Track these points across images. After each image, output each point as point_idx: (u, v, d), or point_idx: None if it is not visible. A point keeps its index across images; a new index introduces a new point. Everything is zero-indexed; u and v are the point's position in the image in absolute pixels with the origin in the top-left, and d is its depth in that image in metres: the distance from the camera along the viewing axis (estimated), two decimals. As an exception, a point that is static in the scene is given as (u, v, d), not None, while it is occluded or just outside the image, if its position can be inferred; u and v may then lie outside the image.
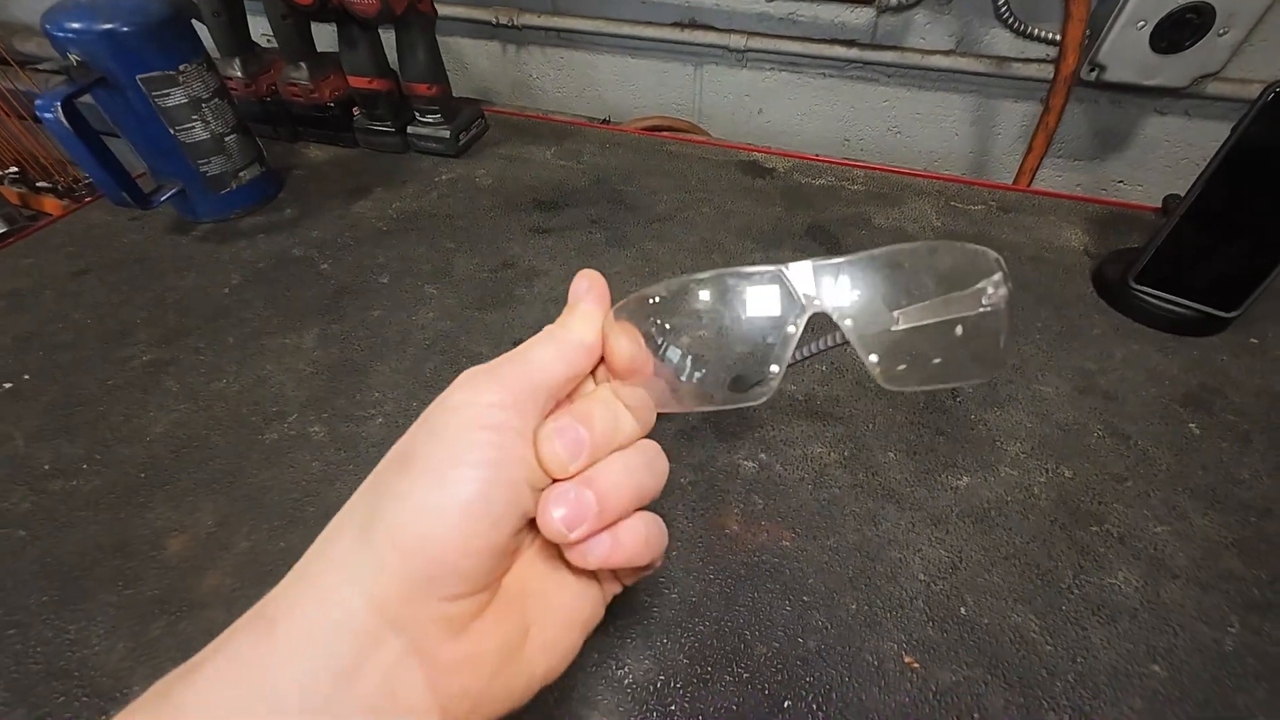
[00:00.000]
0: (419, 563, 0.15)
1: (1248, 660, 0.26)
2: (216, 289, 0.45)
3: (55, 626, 0.28)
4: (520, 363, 0.18)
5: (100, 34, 0.41)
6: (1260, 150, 0.35)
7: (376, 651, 0.14)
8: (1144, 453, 0.34)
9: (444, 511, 0.15)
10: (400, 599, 0.15)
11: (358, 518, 0.16)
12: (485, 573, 0.16)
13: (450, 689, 0.15)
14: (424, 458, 0.16)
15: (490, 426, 0.16)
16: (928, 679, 0.26)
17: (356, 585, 0.15)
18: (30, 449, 0.35)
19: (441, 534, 0.15)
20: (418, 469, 0.16)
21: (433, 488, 0.15)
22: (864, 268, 0.20)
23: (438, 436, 0.16)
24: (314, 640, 0.14)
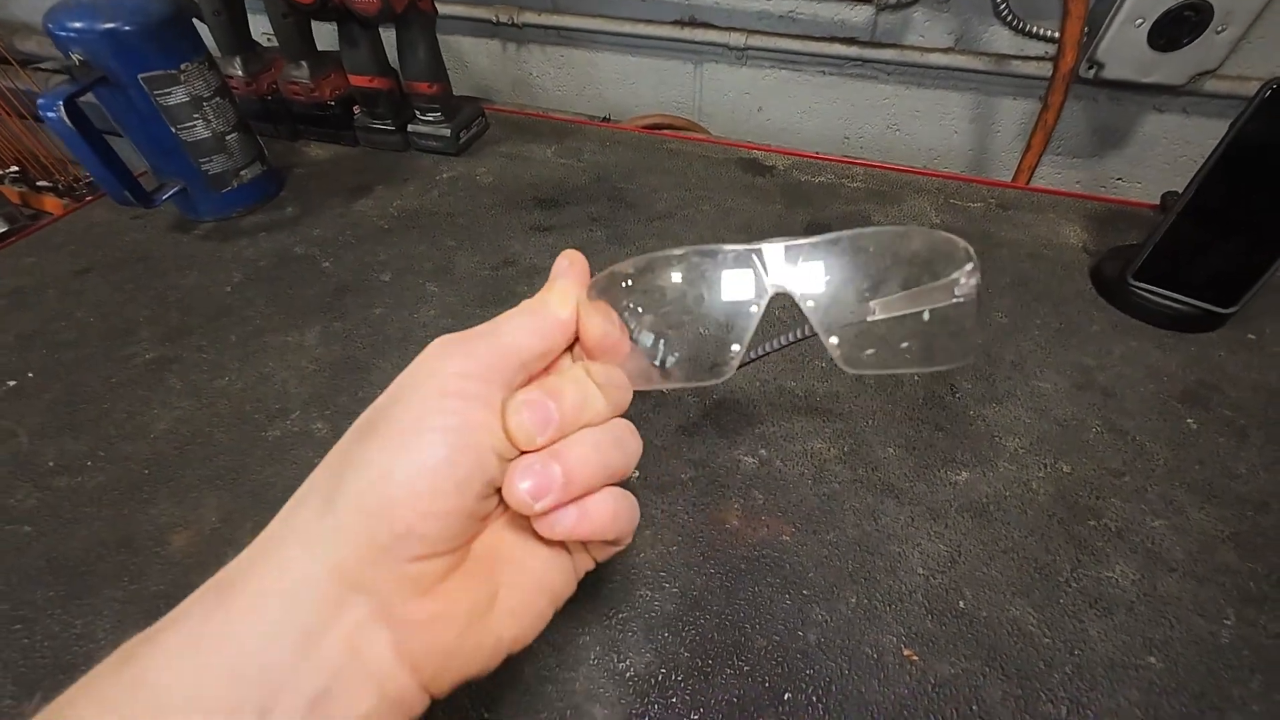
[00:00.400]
0: (382, 525, 0.15)
1: (1243, 652, 0.26)
2: (219, 287, 0.46)
3: (62, 621, 0.28)
4: (491, 334, 0.18)
5: (102, 33, 0.41)
6: (1257, 147, 0.35)
7: (339, 613, 0.14)
8: (1141, 448, 0.34)
9: (407, 475, 0.15)
10: (364, 561, 0.15)
11: (320, 485, 0.16)
12: (450, 536, 0.16)
13: (417, 646, 0.15)
14: (388, 424, 0.16)
15: (456, 394, 0.16)
16: (927, 671, 0.26)
17: (317, 551, 0.15)
18: (34, 446, 0.35)
19: (404, 497, 0.15)
20: (382, 435, 0.16)
21: (397, 452, 0.15)
22: (832, 250, 0.20)
23: (402, 403, 0.16)
24: (272, 605, 0.14)
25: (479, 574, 0.17)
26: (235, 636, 0.14)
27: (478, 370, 0.17)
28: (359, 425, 0.17)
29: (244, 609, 0.14)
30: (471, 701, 0.25)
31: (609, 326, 0.19)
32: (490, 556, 0.18)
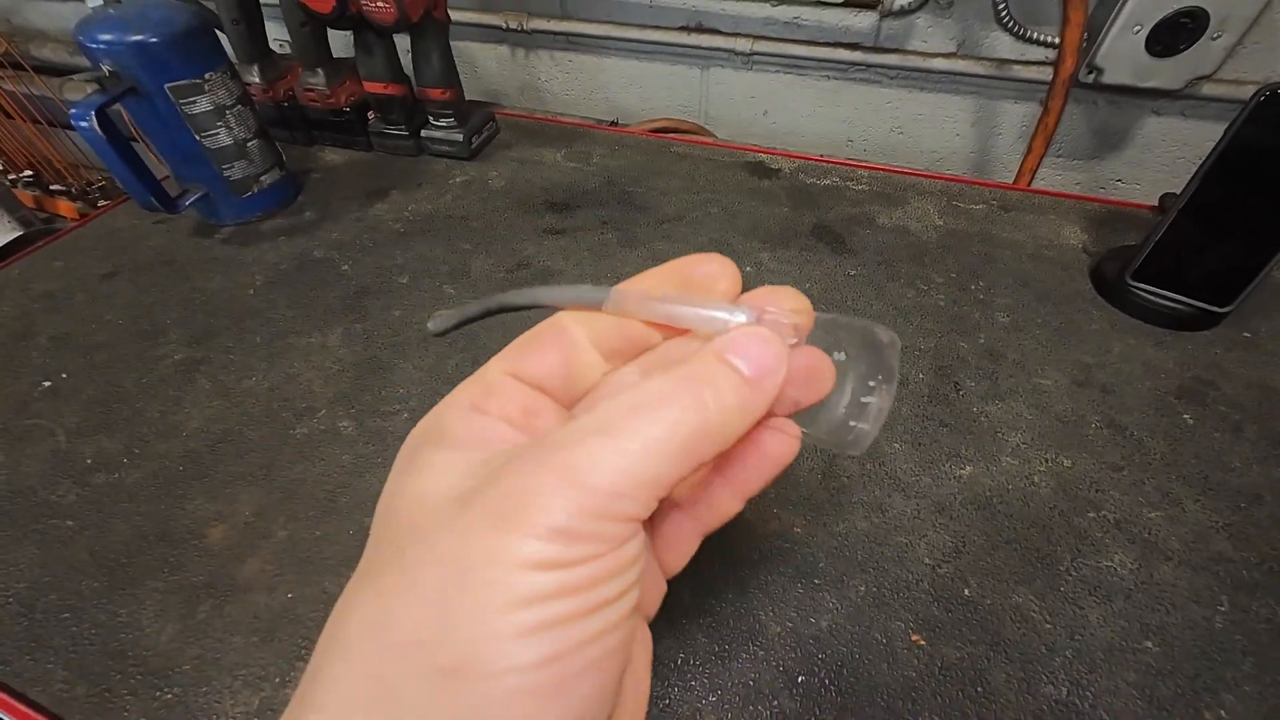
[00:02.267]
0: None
1: (1236, 637, 0.28)
2: (242, 290, 0.47)
3: (107, 610, 0.29)
4: (557, 472, 0.11)
5: (131, 45, 0.42)
6: (1253, 150, 0.36)
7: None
8: (1139, 442, 0.35)
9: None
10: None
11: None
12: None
13: None
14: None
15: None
16: (934, 655, 0.27)
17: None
18: (72, 444, 0.37)
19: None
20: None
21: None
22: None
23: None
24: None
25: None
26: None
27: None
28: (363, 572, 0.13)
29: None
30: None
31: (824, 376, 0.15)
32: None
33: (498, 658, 0.10)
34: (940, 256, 0.48)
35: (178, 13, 0.44)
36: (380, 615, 0.12)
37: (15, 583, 0.30)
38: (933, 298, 0.45)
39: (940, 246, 0.49)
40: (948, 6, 0.62)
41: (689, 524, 0.16)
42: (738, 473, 0.15)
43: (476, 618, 0.11)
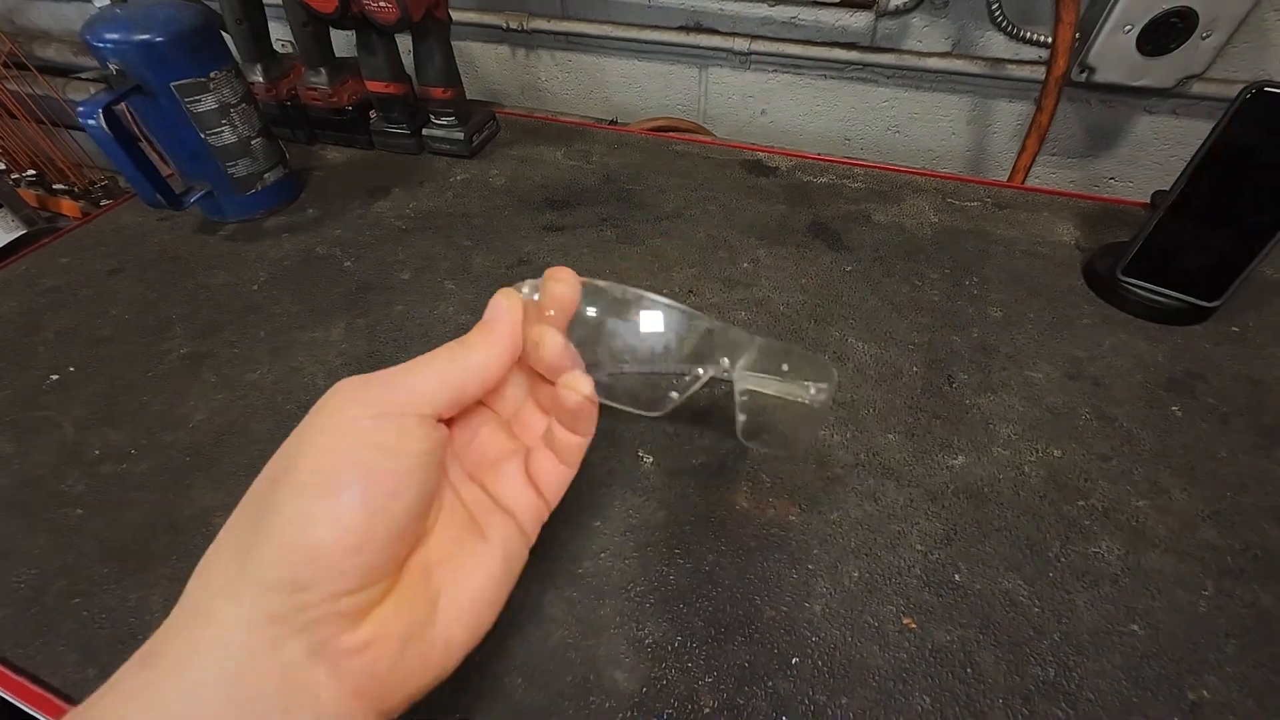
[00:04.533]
0: (305, 569, 0.15)
1: (1219, 620, 0.28)
2: (245, 286, 0.48)
3: (117, 596, 0.30)
4: (395, 384, 0.18)
5: (137, 44, 0.43)
6: (1240, 147, 0.37)
7: (272, 656, 0.15)
8: (1128, 433, 0.36)
9: (327, 519, 0.16)
10: (291, 606, 0.15)
11: (235, 539, 0.16)
12: (379, 567, 0.16)
13: (357, 674, 0.16)
14: (300, 470, 0.16)
15: (366, 433, 0.17)
16: (924, 638, 0.28)
17: (243, 601, 0.15)
18: (80, 436, 0.37)
19: (326, 540, 0.15)
20: (295, 481, 0.16)
21: (314, 497, 0.16)
22: (765, 351, 0.26)
23: (313, 448, 0.17)
24: (197, 660, 0.15)
25: (414, 589, 0.18)
26: (162, 697, 0.14)
27: (386, 410, 0.17)
28: (267, 476, 0.17)
29: (169, 668, 0.15)
30: (504, 668, 0.27)
31: (559, 357, 0.21)
32: (423, 568, 0.18)
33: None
34: (935, 253, 0.49)
35: (183, 12, 0.45)
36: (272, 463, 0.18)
37: (27, 569, 0.31)
38: (927, 293, 0.45)
39: (935, 243, 0.50)
40: (943, 6, 0.63)
41: (551, 461, 0.22)
42: (558, 416, 0.22)
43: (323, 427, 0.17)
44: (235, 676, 0.14)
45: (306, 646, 0.15)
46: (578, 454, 0.22)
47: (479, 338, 0.20)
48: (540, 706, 0.26)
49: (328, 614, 0.15)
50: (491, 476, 0.22)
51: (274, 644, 0.15)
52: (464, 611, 0.19)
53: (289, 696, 0.15)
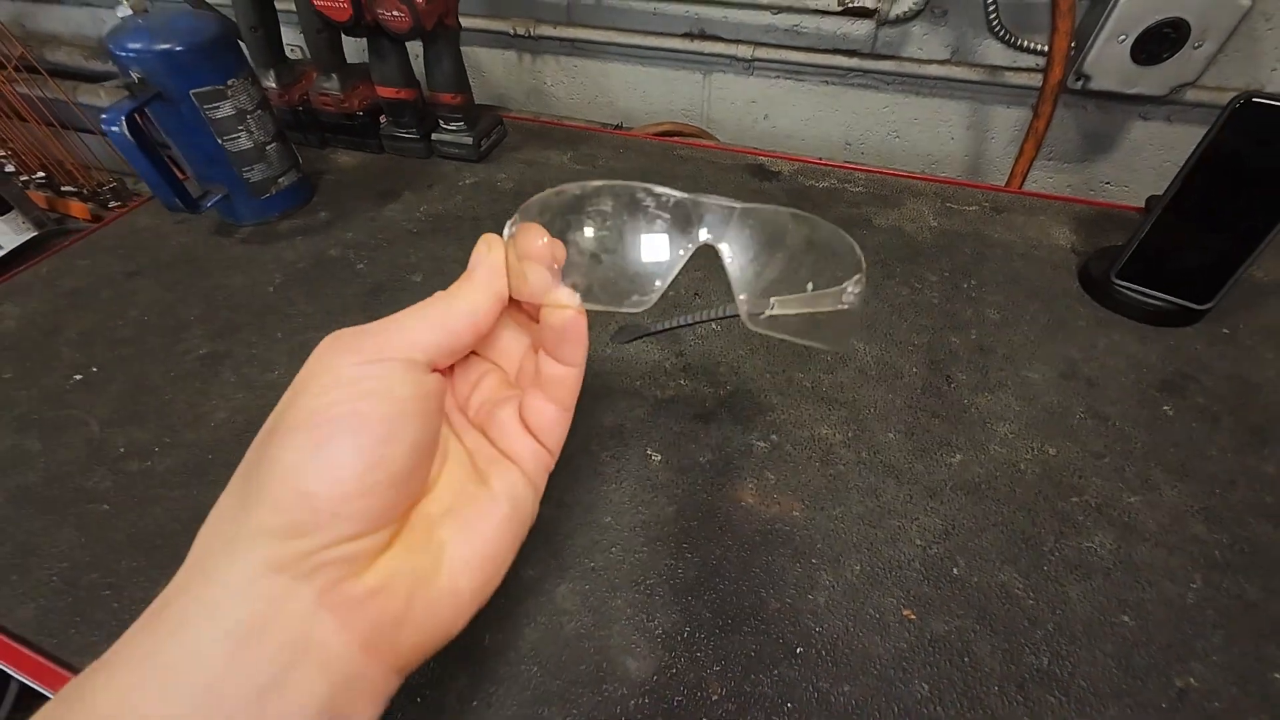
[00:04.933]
0: (303, 516, 0.15)
1: (1207, 612, 0.29)
2: (261, 287, 0.49)
3: (145, 588, 0.31)
4: (386, 331, 0.18)
5: (159, 53, 0.44)
6: (1230, 154, 0.38)
7: (279, 607, 0.15)
8: (1121, 432, 0.37)
9: (320, 465, 0.16)
10: (292, 554, 0.15)
11: (235, 493, 0.17)
12: (379, 513, 0.16)
13: (363, 624, 0.16)
14: (294, 420, 0.16)
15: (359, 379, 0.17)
16: (923, 629, 0.29)
17: (243, 553, 0.15)
18: (105, 434, 0.38)
19: (322, 486, 0.15)
20: (288, 431, 0.16)
21: (307, 445, 0.16)
22: (757, 220, 0.22)
23: (306, 396, 0.17)
24: (200, 618, 0.15)
25: (419, 539, 0.18)
26: (171, 648, 0.14)
27: (375, 357, 0.17)
28: (261, 434, 0.17)
29: (176, 622, 0.15)
30: (519, 655, 0.28)
31: (542, 281, 0.20)
32: (427, 518, 0.18)
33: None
34: (934, 256, 0.50)
35: (203, 22, 0.46)
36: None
37: (58, 562, 0.32)
38: (926, 295, 0.47)
39: (934, 246, 0.51)
40: (942, 15, 0.64)
41: (541, 402, 0.21)
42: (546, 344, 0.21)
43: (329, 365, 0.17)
44: (241, 632, 0.14)
45: (312, 594, 0.15)
46: (569, 392, 0.21)
47: (463, 284, 0.20)
48: (557, 693, 0.27)
49: (331, 559, 0.15)
50: (492, 426, 0.21)
51: (279, 594, 0.15)
52: (470, 562, 0.18)
53: (297, 649, 0.15)
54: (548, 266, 0.20)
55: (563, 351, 0.20)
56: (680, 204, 0.22)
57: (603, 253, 0.22)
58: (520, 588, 0.30)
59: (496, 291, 0.20)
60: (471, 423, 0.22)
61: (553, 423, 0.21)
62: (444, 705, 0.27)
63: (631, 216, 0.22)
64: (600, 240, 0.22)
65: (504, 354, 0.23)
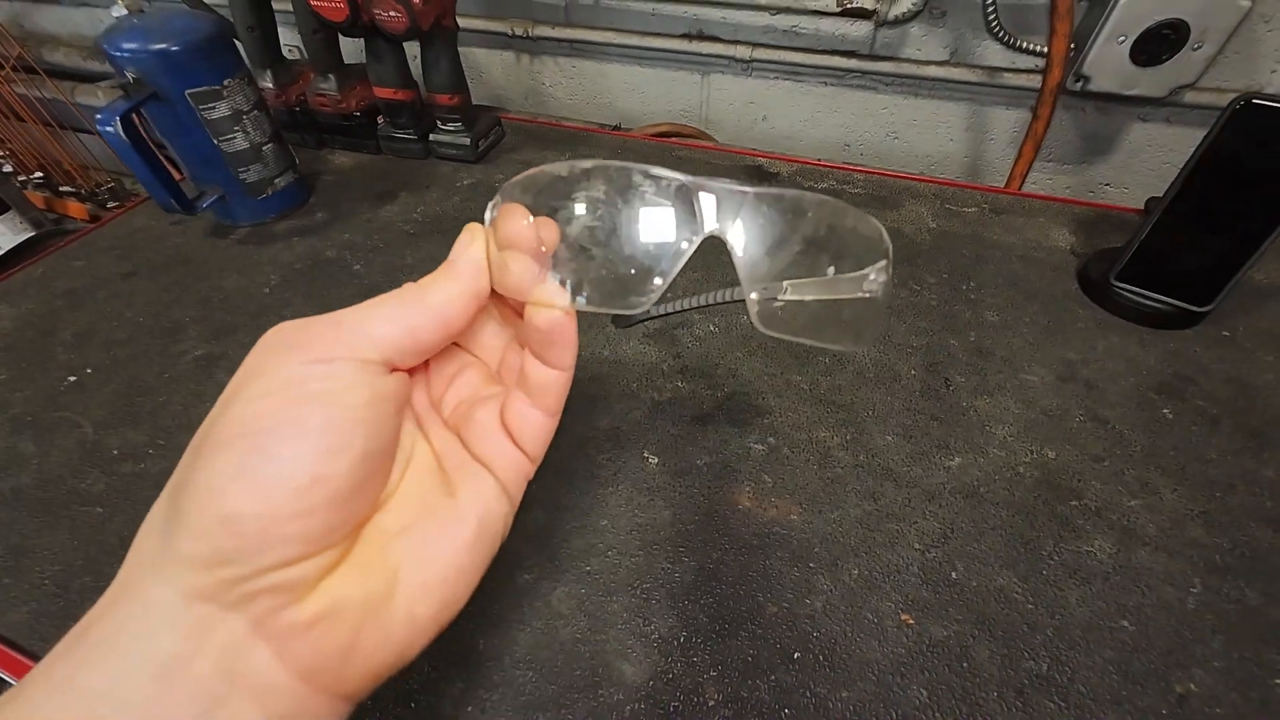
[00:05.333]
0: (225, 542, 0.14)
1: (1207, 617, 0.29)
2: (257, 288, 0.49)
3: (138, 591, 0.31)
4: (338, 326, 0.16)
5: (154, 53, 0.44)
6: (1230, 156, 0.38)
7: (206, 636, 0.13)
8: (1121, 435, 0.37)
9: (241, 484, 0.14)
10: (220, 581, 0.14)
11: (162, 508, 0.15)
12: (319, 535, 0.15)
13: (304, 654, 0.14)
14: (223, 430, 0.15)
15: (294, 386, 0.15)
16: (922, 633, 0.29)
17: (169, 579, 0.14)
18: (99, 435, 0.38)
19: (249, 506, 0.14)
20: (216, 443, 0.14)
21: (235, 459, 0.14)
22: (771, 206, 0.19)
23: (238, 404, 0.15)
24: (124, 640, 0.14)
25: (372, 556, 0.16)
26: (88, 680, 0.13)
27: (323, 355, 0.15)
28: (197, 436, 0.15)
29: (97, 649, 0.14)
30: (513, 660, 0.28)
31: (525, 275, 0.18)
32: (381, 536, 0.16)
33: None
34: (933, 257, 0.50)
35: (199, 22, 0.46)
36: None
37: (51, 565, 0.32)
38: (925, 297, 0.46)
39: (933, 248, 0.51)
40: (941, 16, 0.64)
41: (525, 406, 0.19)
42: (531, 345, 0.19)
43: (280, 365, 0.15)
44: (167, 661, 0.13)
45: (245, 623, 0.14)
46: (557, 397, 0.19)
47: (438, 276, 0.18)
48: (552, 698, 0.27)
49: (263, 587, 0.14)
50: (467, 426, 0.19)
51: (206, 623, 0.13)
52: (428, 586, 0.16)
53: (229, 681, 0.14)
54: (533, 254, 0.18)
55: (550, 354, 0.18)
56: (684, 189, 0.19)
57: (595, 246, 0.19)
58: (515, 592, 0.30)
59: (474, 288, 0.18)
60: (445, 423, 0.20)
61: (537, 429, 0.19)
62: (438, 711, 0.27)
63: (628, 203, 0.19)
64: (592, 231, 0.19)
65: (485, 347, 0.21)
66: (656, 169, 0.19)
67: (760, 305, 0.21)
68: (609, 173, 0.19)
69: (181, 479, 0.15)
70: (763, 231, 0.20)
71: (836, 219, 0.20)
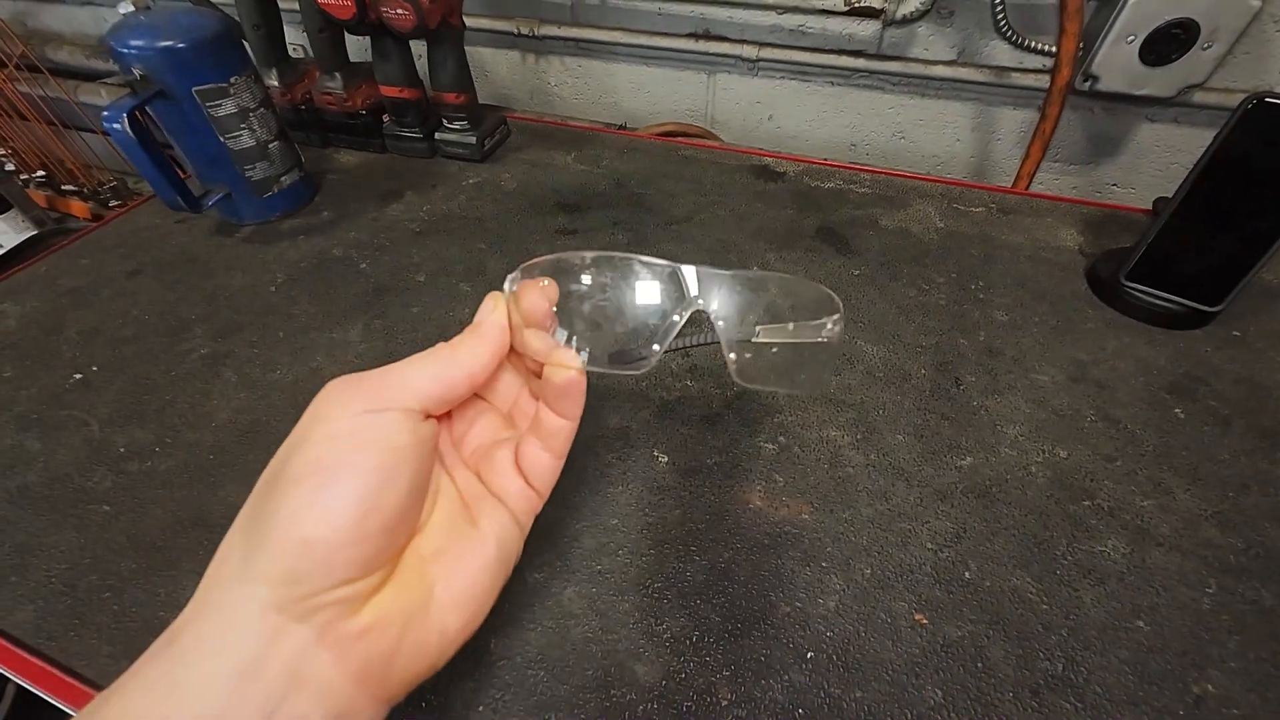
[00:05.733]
0: (303, 564, 0.16)
1: (1222, 617, 0.29)
2: (264, 287, 0.48)
3: (147, 590, 0.30)
4: (386, 383, 0.19)
5: (161, 50, 0.44)
6: (1240, 156, 0.38)
7: (278, 644, 0.16)
8: (1132, 435, 0.37)
9: (317, 515, 0.17)
10: (292, 598, 0.16)
11: (241, 536, 0.18)
12: (373, 558, 0.17)
13: (356, 659, 0.17)
14: (296, 469, 0.17)
15: (360, 430, 0.18)
16: (936, 633, 0.29)
17: (247, 595, 0.16)
18: (105, 433, 0.38)
19: (320, 535, 0.16)
20: (290, 480, 0.17)
21: (308, 495, 0.17)
22: (742, 283, 0.25)
23: (308, 445, 0.18)
24: (210, 649, 0.16)
25: (411, 578, 0.19)
26: (179, 685, 0.15)
27: (373, 406, 0.18)
28: (265, 478, 0.18)
29: (185, 657, 0.16)
30: (525, 660, 0.28)
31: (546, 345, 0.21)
32: (419, 558, 0.19)
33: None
34: (941, 257, 0.50)
35: (206, 19, 0.46)
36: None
37: (57, 564, 0.31)
38: (934, 297, 0.46)
39: (941, 248, 0.51)
40: (948, 16, 0.64)
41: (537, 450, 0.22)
42: (547, 399, 0.22)
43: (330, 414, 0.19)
44: (246, 663, 0.16)
45: (311, 632, 0.16)
46: (564, 442, 0.23)
47: (467, 337, 0.21)
48: (564, 698, 0.27)
49: (328, 601, 0.16)
50: (486, 464, 0.23)
51: (280, 632, 0.16)
52: (458, 600, 0.20)
53: (296, 680, 0.16)
54: (547, 315, 0.21)
55: (562, 406, 0.22)
56: (674, 274, 0.24)
57: (603, 321, 0.24)
58: (526, 592, 0.30)
59: (497, 350, 0.21)
60: (465, 462, 0.23)
61: (545, 469, 0.23)
62: (450, 711, 0.26)
63: (629, 285, 0.24)
64: (601, 310, 0.24)
65: (500, 395, 0.24)
66: (649, 258, 0.24)
67: (737, 362, 0.26)
68: (614, 262, 0.24)
69: (258, 509, 0.18)
70: (737, 302, 0.25)
71: (795, 289, 0.26)
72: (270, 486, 0.18)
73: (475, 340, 0.21)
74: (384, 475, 0.18)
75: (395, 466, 0.18)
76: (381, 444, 0.18)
